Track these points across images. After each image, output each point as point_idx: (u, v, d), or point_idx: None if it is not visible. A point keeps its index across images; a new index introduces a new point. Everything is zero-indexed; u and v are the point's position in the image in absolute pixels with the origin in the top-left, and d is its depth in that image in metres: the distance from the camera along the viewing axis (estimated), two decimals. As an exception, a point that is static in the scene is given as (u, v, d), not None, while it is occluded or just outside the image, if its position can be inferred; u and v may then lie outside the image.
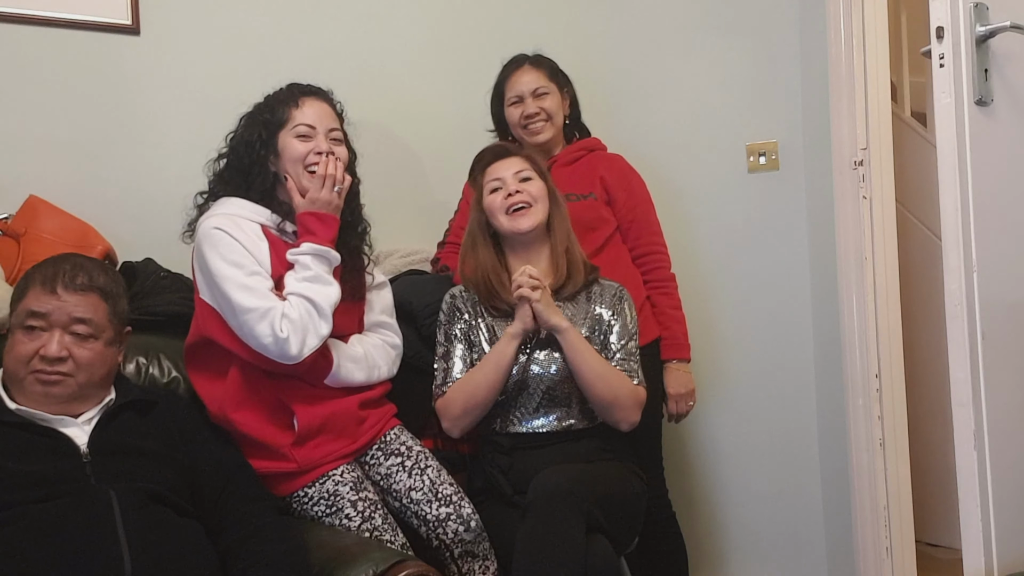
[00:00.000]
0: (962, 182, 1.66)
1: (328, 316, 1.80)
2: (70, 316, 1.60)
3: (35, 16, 2.21)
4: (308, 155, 1.88)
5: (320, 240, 1.84)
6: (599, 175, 2.35)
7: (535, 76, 2.35)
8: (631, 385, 2.02)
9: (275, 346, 1.74)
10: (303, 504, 1.83)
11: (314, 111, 1.92)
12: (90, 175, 2.25)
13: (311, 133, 1.90)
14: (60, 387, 1.59)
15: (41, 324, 1.58)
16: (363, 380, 1.94)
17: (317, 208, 1.85)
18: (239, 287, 1.76)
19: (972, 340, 1.66)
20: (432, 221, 2.56)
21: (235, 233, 1.81)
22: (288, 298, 1.79)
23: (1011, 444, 1.70)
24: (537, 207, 2.05)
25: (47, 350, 1.57)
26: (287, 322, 1.75)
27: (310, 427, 1.84)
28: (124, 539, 1.44)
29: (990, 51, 1.70)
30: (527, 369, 2.01)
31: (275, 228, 1.89)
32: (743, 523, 2.86)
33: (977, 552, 1.66)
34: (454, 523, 1.88)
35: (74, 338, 1.60)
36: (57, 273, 1.61)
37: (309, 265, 1.81)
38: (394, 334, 2.07)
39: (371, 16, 2.61)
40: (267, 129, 1.91)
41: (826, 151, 2.71)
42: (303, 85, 1.98)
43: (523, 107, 2.34)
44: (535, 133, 2.33)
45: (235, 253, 1.79)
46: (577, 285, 2.07)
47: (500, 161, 2.11)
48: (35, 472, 1.49)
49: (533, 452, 2.00)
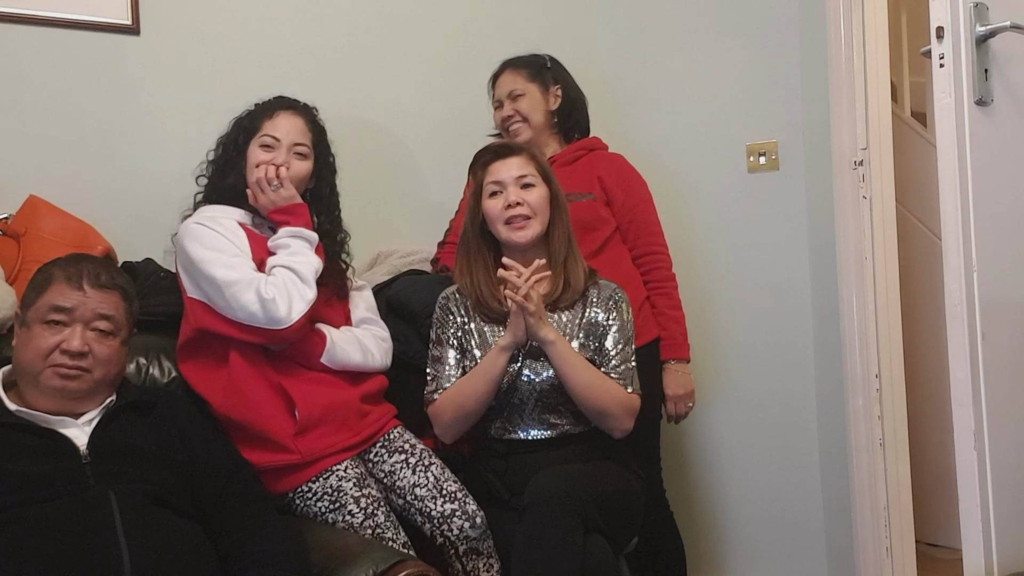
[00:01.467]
0: (962, 182, 1.66)
1: (311, 282, 1.88)
2: (94, 312, 1.62)
3: (35, 16, 2.21)
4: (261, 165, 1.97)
5: (295, 224, 1.94)
6: (597, 175, 2.35)
7: (511, 79, 2.41)
8: (623, 394, 1.99)
9: (262, 311, 1.80)
10: (306, 500, 1.83)
11: (285, 124, 2.01)
12: (90, 175, 2.25)
13: (274, 144, 1.99)
14: (78, 382, 1.60)
15: (64, 319, 1.60)
16: (359, 361, 1.98)
17: (275, 207, 1.95)
18: (222, 266, 1.84)
19: (972, 340, 1.66)
20: (432, 221, 2.56)
21: (214, 226, 1.90)
22: (271, 272, 1.87)
23: (1011, 444, 1.70)
24: (536, 220, 2.00)
25: (69, 344, 1.58)
26: (271, 287, 1.82)
27: (311, 415, 1.85)
28: (123, 540, 1.44)
29: (990, 51, 1.70)
30: (519, 377, 1.98)
31: (251, 224, 1.98)
32: (743, 523, 2.86)
33: (977, 552, 1.66)
34: (459, 519, 1.89)
35: (95, 334, 1.62)
36: (82, 270, 1.64)
37: (289, 243, 1.92)
38: (380, 328, 2.11)
39: (370, 16, 2.61)
40: (243, 134, 2.01)
41: (826, 151, 2.71)
42: (286, 99, 2.06)
43: (501, 110, 2.40)
44: (515, 135, 2.38)
45: (216, 240, 1.88)
46: (575, 295, 2.03)
47: (502, 160, 2.05)
48: (35, 473, 1.49)
49: (528, 457, 1.99)
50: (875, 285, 2.63)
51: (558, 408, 2.00)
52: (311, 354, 1.92)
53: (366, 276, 2.34)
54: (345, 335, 1.99)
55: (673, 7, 2.89)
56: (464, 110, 2.65)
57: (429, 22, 2.68)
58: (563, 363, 1.93)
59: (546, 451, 1.99)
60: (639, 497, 2.02)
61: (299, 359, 1.92)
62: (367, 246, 2.42)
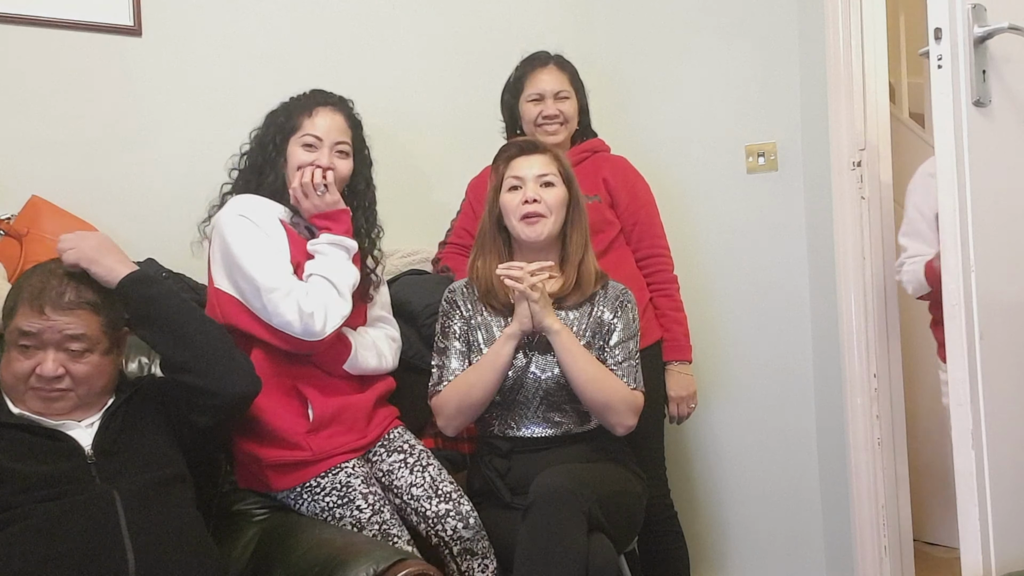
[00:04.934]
0: (960, 183, 1.66)
1: (348, 297, 1.87)
2: (62, 334, 1.55)
3: (38, 17, 2.21)
4: (305, 166, 1.92)
5: (336, 231, 1.91)
6: (603, 177, 2.35)
7: (559, 78, 2.35)
8: (626, 390, 1.99)
9: (300, 323, 1.79)
10: (314, 494, 1.84)
11: (325, 123, 1.96)
12: (92, 176, 2.26)
13: (316, 144, 1.95)
14: (61, 402, 1.58)
15: (33, 343, 1.55)
16: (375, 366, 1.99)
17: (318, 211, 1.91)
18: (262, 268, 1.81)
19: (970, 340, 1.66)
20: (432, 221, 2.56)
21: (256, 219, 1.87)
22: (309, 279, 1.85)
23: (1009, 443, 1.71)
24: (551, 218, 2.00)
25: (43, 369, 1.54)
26: (311, 299, 1.81)
27: (324, 415, 1.87)
28: (128, 539, 1.45)
29: (988, 52, 1.70)
30: (525, 373, 1.99)
31: (290, 222, 1.94)
32: (741, 522, 2.87)
33: (975, 551, 1.66)
34: (453, 520, 1.89)
35: (69, 354, 1.56)
36: (43, 291, 1.56)
37: (327, 252, 1.89)
38: (393, 328, 2.12)
39: (373, 18, 2.62)
40: (280, 133, 1.96)
41: (825, 152, 2.72)
42: (323, 93, 2.01)
43: (542, 106, 2.33)
44: (549, 134, 2.31)
45: (257, 237, 1.85)
46: (584, 296, 2.03)
47: (526, 157, 2.04)
48: (40, 472, 1.50)
49: (531, 455, 1.99)
50: (873, 285, 2.63)
51: (562, 407, 2.01)
52: (335, 361, 1.92)
53: (367, 276, 2.35)
54: (364, 340, 1.99)
55: (672, 8, 2.90)
56: (464, 110, 2.65)
57: (430, 22, 2.69)
58: (567, 353, 1.94)
59: (549, 450, 2.00)
60: (641, 498, 2.03)
61: (323, 365, 1.91)
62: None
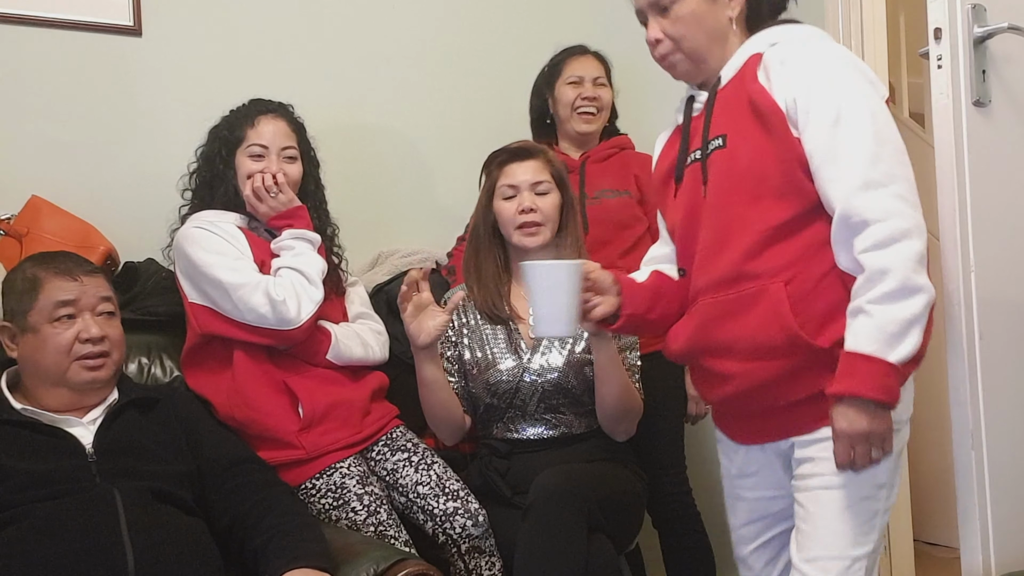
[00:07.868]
0: (960, 183, 1.66)
1: (318, 283, 1.91)
2: (97, 296, 1.64)
3: (37, 17, 2.21)
4: (254, 175, 1.96)
5: (298, 227, 1.96)
6: (634, 173, 2.36)
7: (598, 66, 2.41)
8: (640, 399, 2.01)
9: (273, 312, 1.82)
10: (310, 496, 1.85)
11: (269, 130, 1.99)
12: (92, 176, 2.26)
13: (264, 152, 1.98)
14: (103, 370, 1.63)
15: (71, 311, 1.61)
16: (361, 355, 2.01)
17: (275, 213, 1.96)
18: (227, 269, 1.85)
19: (970, 340, 1.67)
20: (432, 221, 2.57)
21: (214, 229, 1.91)
22: (278, 273, 1.89)
23: (1009, 443, 1.71)
24: (547, 227, 1.99)
25: (88, 332, 1.60)
26: (280, 288, 1.84)
27: (315, 411, 1.87)
28: (127, 538, 1.45)
29: (988, 52, 1.70)
30: (521, 377, 1.99)
31: (248, 227, 1.99)
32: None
33: (975, 551, 1.67)
34: (462, 518, 1.90)
35: (103, 317, 1.65)
36: (68, 262, 1.66)
37: (293, 246, 1.94)
38: (376, 322, 2.14)
39: (376, 17, 2.61)
40: (226, 146, 2.00)
41: (825, 152, 2.71)
42: (262, 102, 2.04)
43: (582, 89, 2.36)
44: (587, 121, 2.36)
45: (217, 244, 1.89)
46: None
47: (519, 163, 2.02)
48: (41, 471, 1.50)
49: (531, 456, 1.99)
50: (874, 285, 2.63)
51: (561, 408, 2.00)
52: (316, 351, 1.94)
53: (367, 276, 2.35)
54: (346, 330, 2.02)
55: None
56: (466, 109, 2.65)
57: (434, 22, 2.68)
58: (612, 364, 1.90)
59: (548, 451, 1.99)
60: (641, 499, 2.03)
61: (304, 356, 1.94)
62: (368, 246, 2.43)
